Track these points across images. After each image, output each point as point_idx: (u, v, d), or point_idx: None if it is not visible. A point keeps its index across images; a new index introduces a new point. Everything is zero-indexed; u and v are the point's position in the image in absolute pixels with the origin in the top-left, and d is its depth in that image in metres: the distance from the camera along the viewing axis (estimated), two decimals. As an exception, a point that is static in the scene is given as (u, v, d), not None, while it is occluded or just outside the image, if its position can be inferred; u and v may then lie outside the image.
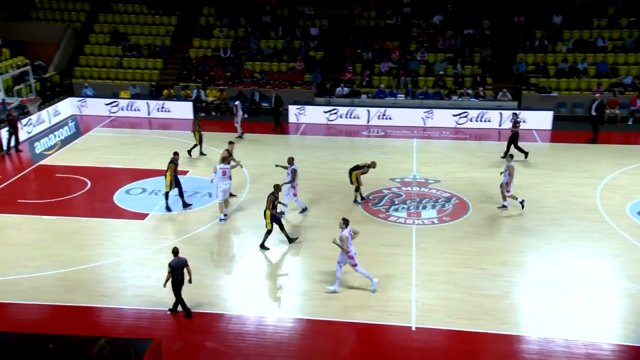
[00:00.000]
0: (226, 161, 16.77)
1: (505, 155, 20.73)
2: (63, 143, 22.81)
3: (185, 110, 26.03)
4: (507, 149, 21.25)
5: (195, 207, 17.39)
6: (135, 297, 12.87)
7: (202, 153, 21.53)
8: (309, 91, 27.75)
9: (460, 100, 26.34)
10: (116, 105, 26.80)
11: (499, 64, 28.63)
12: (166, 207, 17.10)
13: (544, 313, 12.49)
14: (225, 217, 16.56)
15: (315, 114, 26.08)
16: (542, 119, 25.09)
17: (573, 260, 14.55)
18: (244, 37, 30.47)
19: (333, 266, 14.24)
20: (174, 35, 31.31)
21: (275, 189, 15.02)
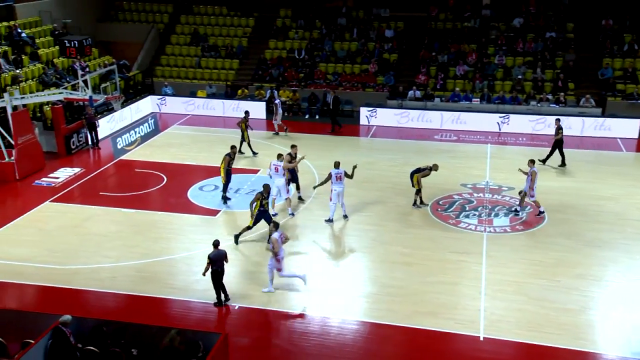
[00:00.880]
0: (281, 158, 17.06)
1: (563, 162, 20.64)
2: (143, 139, 23.77)
3: (259, 110, 26.50)
4: (554, 155, 20.83)
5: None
6: (205, 291, 13.18)
7: (241, 152, 21.90)
8: (382, 94, 27.58)
9: (539, 105, 25.40)
10: (193, 104, 27.68)
11: (582, 69, 27.39)
12: (222, 198, 17.62)
13: (623, 332, 11.82)
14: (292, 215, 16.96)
15: (386, 116, 25.91)
16: (628, 127, 23.88)
17: (657, 278, 13.72)
18: (318, 39, 30.70)
19: (401, 270, 14.13)
20: (250, 37, 32.00)
21: (265, 189, 15.09)
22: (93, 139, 22.89)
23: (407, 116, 25.67)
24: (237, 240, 15.33)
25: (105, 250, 15.17)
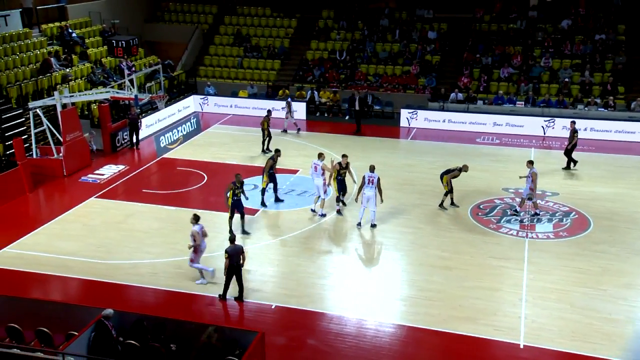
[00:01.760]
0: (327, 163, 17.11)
1: (568, 166, 20.65)
2: (185, 138, 24.15)
3: (300, 110, 26.58)
4: (568, 160, 20.71)
5: (302, 206, 17.72)
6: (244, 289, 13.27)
7: (265, 151, 22.15)
8: (423, 96, 27.31)
9: (587, 109, 24.70)
10: (233, 105, 27.97)
11: (633, 72, 26.51)
12: (261, 203, 17.68)
13: (671, 345, 11.38)
14: (323, 215, 16.96)
15: (427, 118, 25.63)
16: (680, 133, 23.00)
17: None
18: (360, 40, 30.62)
19: (440, 274, 13.95)
20: (292, 37, 32.17)
21: (237, 179, 15.32)
22: (133, 140, 23.17)
23: (449, 119, 25.33)
24: (231, 230, 15.56)
25: (146, 247, 15.46)
